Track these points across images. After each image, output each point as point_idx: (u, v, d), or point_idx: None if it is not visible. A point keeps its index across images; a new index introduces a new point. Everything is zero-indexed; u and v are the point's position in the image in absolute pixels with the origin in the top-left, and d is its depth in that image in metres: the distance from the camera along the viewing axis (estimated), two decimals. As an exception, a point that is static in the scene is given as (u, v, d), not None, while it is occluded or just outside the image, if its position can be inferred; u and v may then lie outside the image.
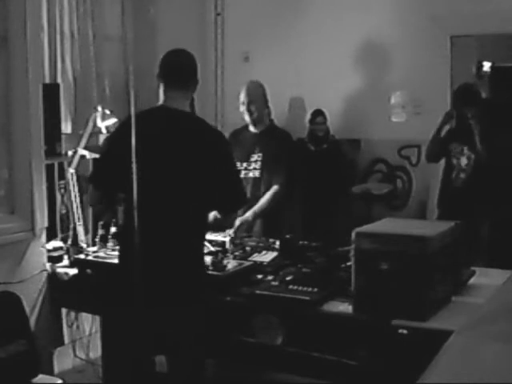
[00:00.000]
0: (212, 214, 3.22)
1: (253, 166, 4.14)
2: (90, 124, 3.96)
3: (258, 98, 4.19)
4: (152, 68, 3.29)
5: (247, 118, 4.20)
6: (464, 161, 4.62)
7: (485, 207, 4.61)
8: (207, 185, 2.73)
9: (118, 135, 2.84)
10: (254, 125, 4.18)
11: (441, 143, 4.75)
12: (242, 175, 4.11)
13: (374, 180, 5.98)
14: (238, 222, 3.89)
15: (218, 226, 3.79)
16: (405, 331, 2.49)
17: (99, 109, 3.97)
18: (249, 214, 3.97)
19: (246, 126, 4.31)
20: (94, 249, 3.71)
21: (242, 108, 4.19)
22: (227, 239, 3.63)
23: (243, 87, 4.22)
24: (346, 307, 2.70)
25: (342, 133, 5.76)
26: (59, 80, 4.74)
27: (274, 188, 4.08)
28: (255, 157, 4.15)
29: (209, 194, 2.75)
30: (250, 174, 4.15)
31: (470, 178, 4.61)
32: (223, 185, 2.79)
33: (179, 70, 2.83)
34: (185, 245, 2.74)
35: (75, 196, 3.84)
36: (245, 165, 4.16)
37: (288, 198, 4.20)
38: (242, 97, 4.19)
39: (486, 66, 4.96)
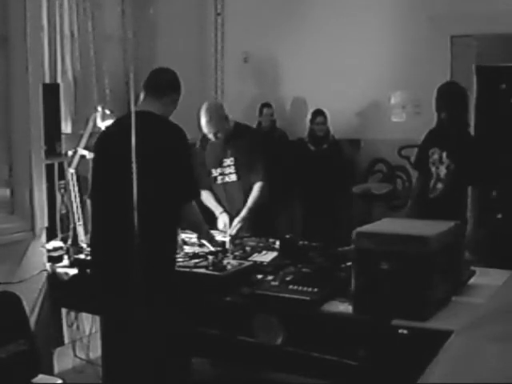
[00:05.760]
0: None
1: (228, 170, 4.14)
2: (90, 124, 3.95)
3: (216, 116, 4.06)
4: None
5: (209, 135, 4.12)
6: (443, 170, 4.06)
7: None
8: (164, 176, 2.86)
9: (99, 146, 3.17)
10: (216, 137, 4.09)
11: (422, 148, 4.28)
12: (218, 181, 4.16)
13: (374, 180, 5.99)
14: (235, 223, 3.90)
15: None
16: (405, 331, 2.49)
17: (99, 109, 3.96)
18: (244, 212, 3.97)
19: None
20: (94, 249, 3.70)
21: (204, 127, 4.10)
22: (227, 239, 3.63)
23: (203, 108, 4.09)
24: (346, 307, 2.70)
25: (342, 133, 5.77)
26: (59, 80, 4.75)
27: (258, 184, 4.07)
28: (228, 161, 4.14)
29: (166, 185, 2.88)
30: (227, 179, 4.15)
31: (448, 190, 4.04)
32: (177, 176, 2.91)
33: (156, 82, 3.09)
34: (149, 241, 2.74)
35: (75, 196, 3.83)
36: (219, 170, 4.16)
37: (286, 196, 4.17)
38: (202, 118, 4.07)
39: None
